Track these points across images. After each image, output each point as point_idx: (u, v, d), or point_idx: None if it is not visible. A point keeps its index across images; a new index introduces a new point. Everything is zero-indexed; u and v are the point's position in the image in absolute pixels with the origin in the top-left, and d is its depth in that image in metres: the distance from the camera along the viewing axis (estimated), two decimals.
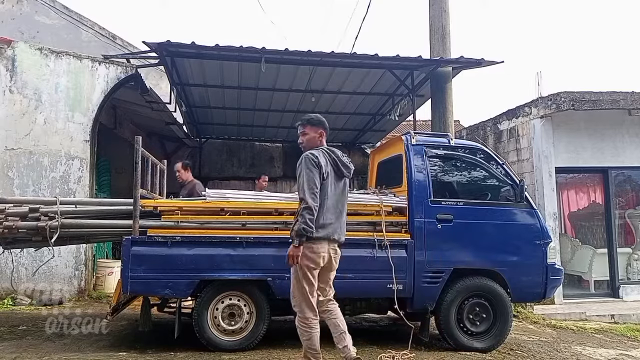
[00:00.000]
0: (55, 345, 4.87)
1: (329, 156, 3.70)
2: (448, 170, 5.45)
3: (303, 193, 3.49)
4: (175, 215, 4.73)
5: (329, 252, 3.62)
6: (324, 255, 3.58)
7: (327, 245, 3.60)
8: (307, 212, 3.42)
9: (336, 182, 3.70)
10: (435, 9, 7.92)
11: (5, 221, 4.65)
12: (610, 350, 5.63)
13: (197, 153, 12.60)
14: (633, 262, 8.81)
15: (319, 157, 3.59)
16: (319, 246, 3.55)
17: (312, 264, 3.53)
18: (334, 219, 3.64)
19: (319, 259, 3.54)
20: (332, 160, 3.70)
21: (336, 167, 3.71)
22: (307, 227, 3.41)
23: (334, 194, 3.67)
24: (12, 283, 6.87)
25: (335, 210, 3.65)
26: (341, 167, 3.72)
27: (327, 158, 3.67)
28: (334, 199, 3.66)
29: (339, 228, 3.68)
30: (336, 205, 3.68)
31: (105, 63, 7.67)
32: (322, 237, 3.55)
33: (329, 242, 3.62)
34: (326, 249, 3.59)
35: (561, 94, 8.09)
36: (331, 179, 3.65)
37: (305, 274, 3.53)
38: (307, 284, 3.55)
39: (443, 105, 7.57)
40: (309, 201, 3.43)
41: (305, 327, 3.57)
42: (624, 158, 8.66)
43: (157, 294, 4.75)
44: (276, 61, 7.25)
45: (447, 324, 4.96)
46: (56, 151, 7.42)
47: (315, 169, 3.53)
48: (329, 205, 3.60)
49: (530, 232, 5.21)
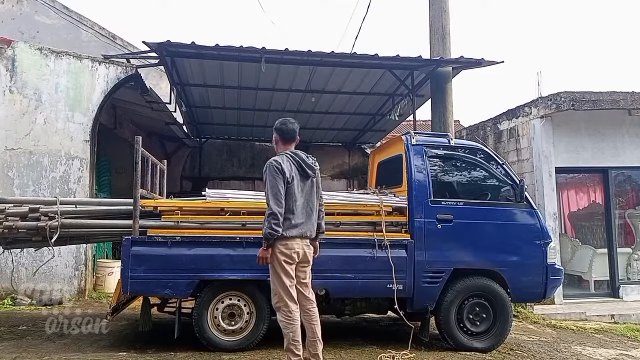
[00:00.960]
0: (55, 345, 4.87)
1: (293, 160, 3.90)
2: (448, 170, 5.45)
3: (267, 200, 3.77)
4: (175, 215, 4.73)
5: (302, 249, 3.88)
6: (299, 251, 3.84)
7: (300, 242, 3.86)
8: (272, 218, 3.70)
9: (302, 184, 3.92)
10: (435, 9, 7.91)
11: (5, 221, 4.66)
12: (610, 350, 5.63)
13: (197, 153, 12.61)
14: (633, 262, 8.81)
15: (282, 163, 3.81)
16: (293, 243, 3.81)
17: (288, 259, 3.80)
18: (305, 218, 3.89)
19: (294, 254, 3.81)
20: (296, 164, 3.89)
21: (301, 169, 3.90)
22: (273, 232, 3.69)
23: (302, 195, 3.89)
24: (12, 283, 6.88)
25: (304, 210, 3.89)
26: (306, 168, 3.91)
27: (291, 162, 3.88)
28: (302, 200, 3.89)
29: (310, 226, 3.93)
30: (305, 205, 3.91)
31: (105, 63, 7.67)
32: (295, 235, 3.82)
33: (302, 239, 3.88)
34: (300, 246, 3.85)
35: (561, 94, 8.09)
36: (297, 181, 3.86)
37: (283, 269, 3.79)
38: (286, 277, 3.79)
39: (443, 105, 7.57)
40: (273, 208, 3.70)
41: (288, 319, 3.76)
42: (624, 158, 8.66)
43: (157, 294, 4.75)
44: (276, 61, 7.25)
45: (447, 324, 4.96)
46: (56, 151, 7.43)
47: (278, 175, 3.76)
48: (298, 206, 3.85)
49: (530, 232, 5.21)
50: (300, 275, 3.89)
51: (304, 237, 3.88)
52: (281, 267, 3.78)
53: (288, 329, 3.74)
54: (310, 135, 11.96)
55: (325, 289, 4.72)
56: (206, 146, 12.70)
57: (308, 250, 3.93)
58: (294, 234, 3.80)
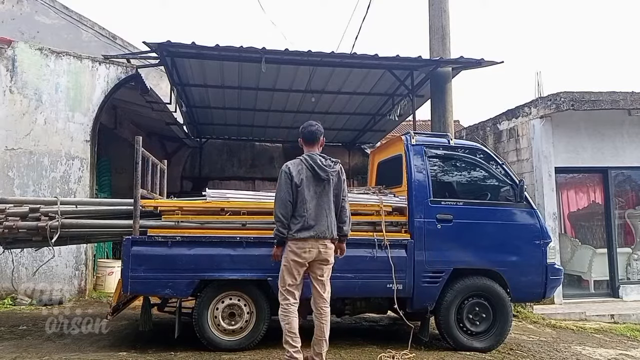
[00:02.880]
0: (56, 345, 4.87)
1: (305, 163, 4.02)
2: (448, 170, 5.46)
3: (274, 206, 4.03)
4: (176, 215, 4.74)
5: (317, 248, 3.95)
6: (313, 251, 3.94)
7: (315, 243, 3.95)
8: (276, 221, 3.99)
9: (315, 186, 4.00)
10: (435, 9, 7.91)
11: (5, 221, 4.66)
12: (610, 350, 5.63)
13: (198, 153, 12.62)
14: (633, 262, 8.82)
15: (290, 168, 4.02)
16: (305, 244, 3.94)
17: (299, 258, 3.94)
18: (319, 219, 3.97)
19: (305, 253, 3.94)
20: (309, 166, 4.01)
21: (313, 171, 4.00)
22: (278, 234, 3.96)
23: (314, 197, 3.99)
24: (12, 283, 6.88)
25: (318, 211, 3.97)
26: (318, 171, 4.00)
27: (303, 165, 4.02)
28: (315, 202, 3.98)
29: (325, 226, 3.98)
30: (319, 207, 3.99)
31: (106, 63, 7.68)
32: (307, 237, 3.93)
33: (316, 240, 3.95)
34: (314, 246, 3.95)
35: (561, 94, 8.09)
36: (308, 183, 3.98)
37: (288, 268, 3.97)
38: (288, 275, 3.98)
39: (443, 106, 7.57)
40: (276, 212, 3.98)
41: (284, 312, 3.95)
42: (623, 158, 8.67)
43: (158, 293, 4.75)
44: (276, 61, 7.25)
45: (447, 324, 4.96)
46: (56, 151, 7.43)
47: (286, 181, 3.98)
48: (310, 208, 3.96)
49: (529, 232, 5.21)
50: (316, 272, 4.02)
51: (319, 238, 3.94)
52: (287, 265, 3.96)
53: (284, 320, 3.92)
54: None
55: None
56: (206, 146, 12.71)
57: (324, 250, 3.98)
58: (306, 235, 3.91)
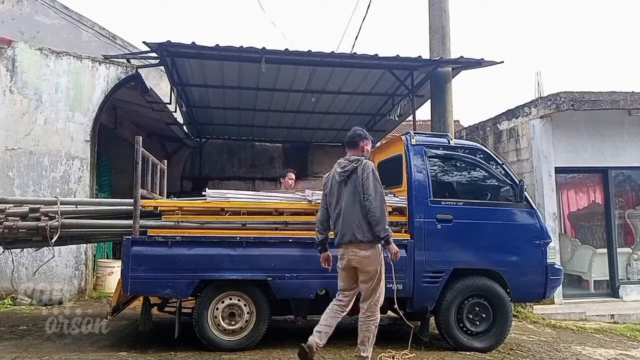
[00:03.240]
0: (56, 345, 4.87)
1: (335, 169, 4.14)
2: (448, 170, 5.46)
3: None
4: (176, 215, 4.74)
5: (347, 255, 4.01)
6: (346, 258, 4.01)
7: (344, 249, 4.03)
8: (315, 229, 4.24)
9: (340, 190, 4.06)
10: (435, 9, 7.91)
11: (5, 221, 4.67)
12: (610, 350, 5.63)
13: (198, 153, 12.61)
14: (633, 262, 8.81)
15: (325, 176, 4.28)
16: (340, 250, 4.08)
17: (339, 264, 4.14)
18: (343, 224, 4.01)
19: (342, 260, 4.08)
20: (335, 171, 4.13)
21: (338, 176, 4.09)
22: (316, 240, 4.23)
23: (338, 204, 4.06)
24: (12, 283, 6.88)
25: (343, 217, 4.02)
26: (336, 175, 4.11)
27: (332, 172, 4.17)
28: (338, 208, 4.05)
29: (351, 230, 3.97)
30: (342, 211, 4.03)
31: (106, 63, 7.68)
32: (339, 242, 4.06)
33: (347, 245, 4.00)
34: (345, 252, 4.03)
35: (561, 94, 8.09)
36: (332, 189, 4.11)
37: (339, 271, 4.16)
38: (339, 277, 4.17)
39: (443, 106, 7.57)
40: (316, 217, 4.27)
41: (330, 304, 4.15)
42: (623, 158, 8.67)
43: (158, 293, 4.75)
44: (276, 61, 7.25)
45: (447, 324, 4.97)
46: (56, 151, 7.44)
47: (323, 189, 4.27)
48: (335, 215, 4.07)
49: (529, 232, 5.21)
50: (359, 278, 4.07)
51: (347, 244, 3.98)
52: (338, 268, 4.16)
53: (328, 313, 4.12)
54: (310, 135, 11.96)
55: (325, 289, 4.73)
56: (206, 146, 12.70)
57: (353, 257, 3.96)
58: (338, 241, 4.07)
